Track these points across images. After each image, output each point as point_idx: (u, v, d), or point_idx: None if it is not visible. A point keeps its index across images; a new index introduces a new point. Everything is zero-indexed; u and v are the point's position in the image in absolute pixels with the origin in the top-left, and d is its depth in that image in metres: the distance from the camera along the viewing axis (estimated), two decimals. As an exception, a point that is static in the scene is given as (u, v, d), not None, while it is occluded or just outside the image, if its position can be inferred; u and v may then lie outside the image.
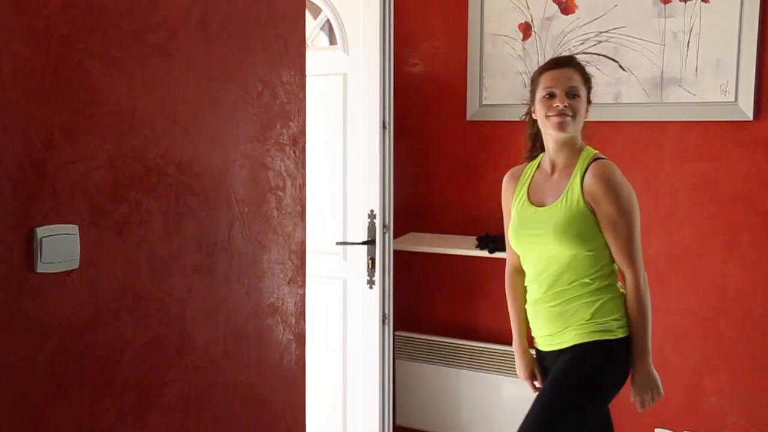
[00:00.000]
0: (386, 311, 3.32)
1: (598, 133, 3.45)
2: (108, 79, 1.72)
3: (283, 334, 2.32)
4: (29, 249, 1.57)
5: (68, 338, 1.66)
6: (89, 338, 1.71)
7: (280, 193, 2.29)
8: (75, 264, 1.66)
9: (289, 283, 2.33)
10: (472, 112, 3.72)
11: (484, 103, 3.71)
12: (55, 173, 1.61)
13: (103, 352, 1.74)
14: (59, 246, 1.62)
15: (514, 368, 2.66)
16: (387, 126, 3.26)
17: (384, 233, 3.28)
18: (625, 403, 2.47)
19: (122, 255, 1.78)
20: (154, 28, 1.84)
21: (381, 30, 3.21)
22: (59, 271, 1.63)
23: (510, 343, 2.71)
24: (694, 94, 3.27)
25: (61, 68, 1.62)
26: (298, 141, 2.36)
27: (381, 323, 3.30)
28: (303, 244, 2.40)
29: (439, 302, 3.86)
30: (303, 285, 2.40)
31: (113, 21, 1.73)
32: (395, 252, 3.43)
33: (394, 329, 3.51)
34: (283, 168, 2.29)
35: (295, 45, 2.32)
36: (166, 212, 1.88)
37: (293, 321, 2.36)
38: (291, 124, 2.32)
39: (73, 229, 1.65)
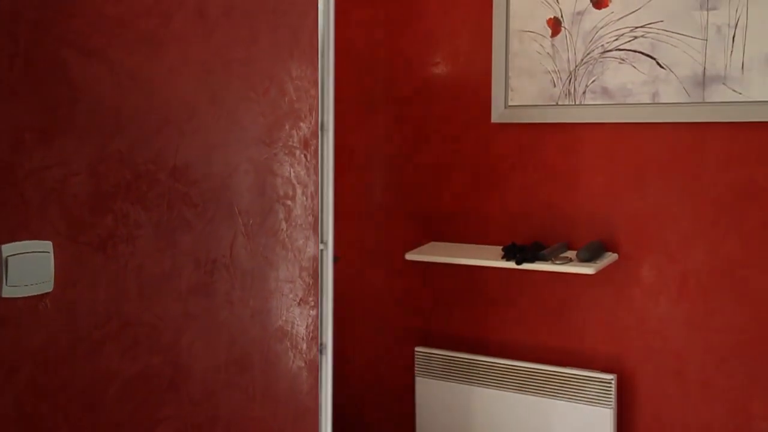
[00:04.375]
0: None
1: (634, 135, 3.28)
2: (88, 71, 1.52)
3: (293, 362, 2.09)
4: (-8, 270, 1.36)
5: (41, 373, 1.46)
6: (66, 372, 1.50)
7: (289, 202, 2.07)
8: (48, 287, 1.46)
9: (299, 303, 2.11)
10: (498, 114, 3.52)
11: (510, 104, 3.51)
12: (25, 181, 1.41)
13: (83, 388, 1.54)
14: (29, 266, 1.42)
15: (542, 387, 2.42)
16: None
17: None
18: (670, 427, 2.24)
19: (106, 275, 1.57)
20: (143, 14, 1.63)
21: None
22: (30, 295, 1.43)
23: (539, 360, 2.47)
24: (740, 93, 3.05)
25: (32, 59, 1.42)
26: (310, 144, 2.14)
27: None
28: (315, 259, 2.18)
29: (461, 316, 3.66)
30: (315, 306, 2.18)
31: (95, 5, 1.53)
32: (416, 262, 3.22)
33: (414, 345, 3.30)
34: (292, 174, 2.08)
35: (307, 36, 2.11)
36: (157, 225, 1.69)
37: (304, 347, 2.13)
38: (302, 124, 2.10)
39: (47, 245, 1.45)
